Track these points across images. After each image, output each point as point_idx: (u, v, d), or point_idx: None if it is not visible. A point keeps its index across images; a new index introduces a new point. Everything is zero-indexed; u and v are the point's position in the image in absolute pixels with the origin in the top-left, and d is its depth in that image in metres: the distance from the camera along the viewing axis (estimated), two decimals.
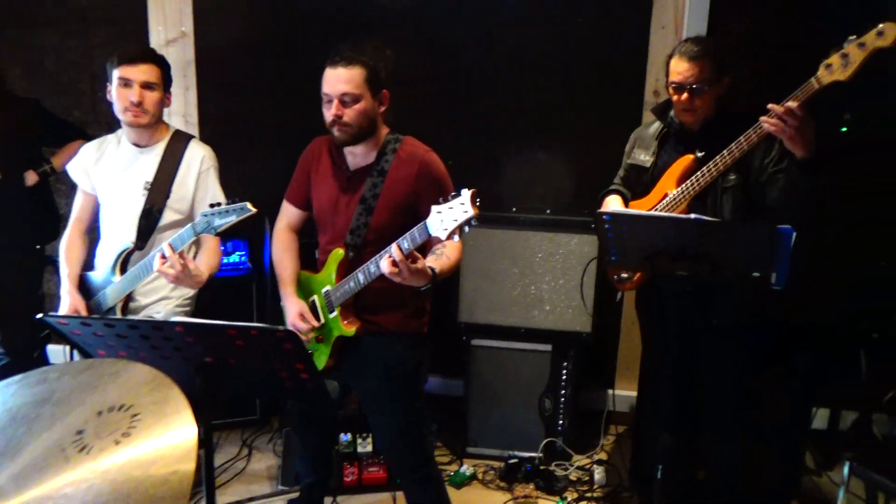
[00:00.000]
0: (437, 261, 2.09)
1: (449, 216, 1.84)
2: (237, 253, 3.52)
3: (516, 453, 3.27)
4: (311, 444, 2.55)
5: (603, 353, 3.67)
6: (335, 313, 2.22)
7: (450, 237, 1.85)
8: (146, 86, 2.33)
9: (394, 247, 1.91)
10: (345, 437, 3.12)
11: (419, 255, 1.97)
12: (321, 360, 2.29)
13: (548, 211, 3.25)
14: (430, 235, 1.88)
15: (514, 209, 3.26)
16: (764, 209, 2.38)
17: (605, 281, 3.10)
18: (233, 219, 2.00)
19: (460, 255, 2.20)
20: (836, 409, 3.34)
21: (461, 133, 3.61)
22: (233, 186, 3.90)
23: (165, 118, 2.50)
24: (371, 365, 2.27)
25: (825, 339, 3.00)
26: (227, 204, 2.01)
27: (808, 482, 3.17)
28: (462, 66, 3.57)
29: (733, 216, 2.37)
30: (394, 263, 1.91)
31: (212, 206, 2.03)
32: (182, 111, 3.66)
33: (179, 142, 2.46)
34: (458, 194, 1.84)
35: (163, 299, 2.47)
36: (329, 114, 2.12)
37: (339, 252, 2.21)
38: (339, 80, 2.08)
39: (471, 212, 1.81)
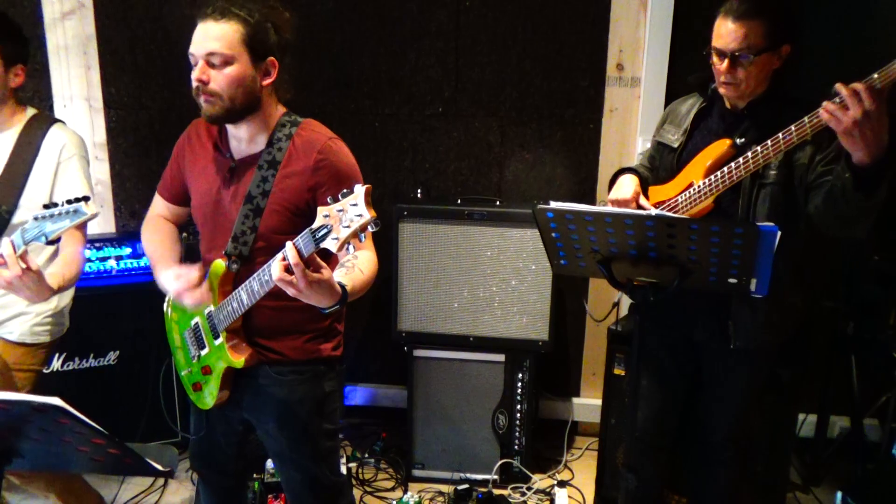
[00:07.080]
0: (347, 275, 1.65)
1: (339, 221, 1.43)
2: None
3: (468, 475, 2.97)
4: (214, 485, 2.14)
5: (565, 357, 3.30)
6: (221, 339, 1.81)
7: (342, 248, 1.44)
8: None
9: (289, 246, 1.47)
10: (271, 464, 2.72)
11: (323, 264, 1.53)
12: (211, 395, 1.88)
13: (497, 202, 2.90)
14: (317, 247, 1.47)
15: (458, 201, 2.92)
16: (807, 216, 1.97)
17: (563, 281, 2.75)
18: (66, 223, 1.60)
19: (376, 268, 1.78)
20: (824, 415, 3.02)
21: (391, 113, 3.20)
22: (143, 180, 3.41)
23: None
24: (267, 403, 1.86)
25: (809, 343, 2.67)
26: (64, 204, 1.60)
27: (791, 501, 2.84)
28: (391, 31, 3.12)
29: (769, 219, 1.94)
30: (288, 269, 1.48)
31: (46, 206, 1.62)
32: (84, 94, 3.21)
33: (38, 127, 2.06)
34: (351, 191, 1.43)
35: (19, 315, 2.08)
36: (192, 78, 1.69)
37: (219, 265, 1.79)
38: (206, 36, 1.66)
39: (366, 215, 1.40)
